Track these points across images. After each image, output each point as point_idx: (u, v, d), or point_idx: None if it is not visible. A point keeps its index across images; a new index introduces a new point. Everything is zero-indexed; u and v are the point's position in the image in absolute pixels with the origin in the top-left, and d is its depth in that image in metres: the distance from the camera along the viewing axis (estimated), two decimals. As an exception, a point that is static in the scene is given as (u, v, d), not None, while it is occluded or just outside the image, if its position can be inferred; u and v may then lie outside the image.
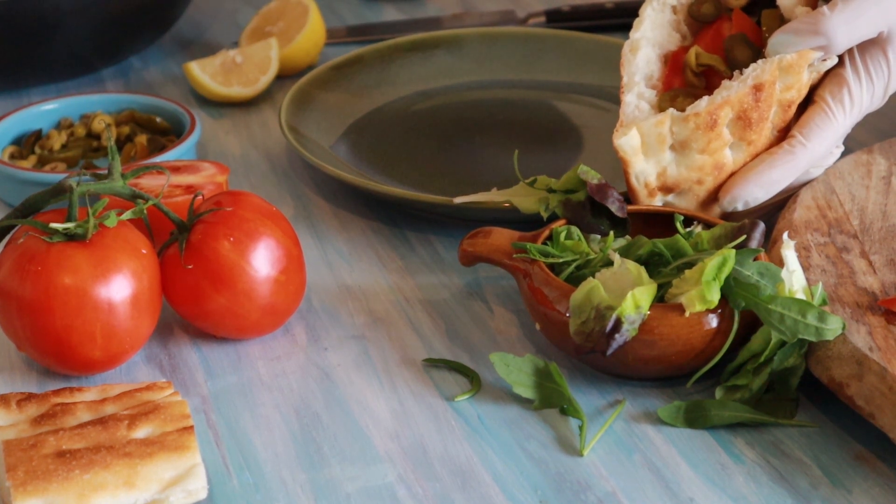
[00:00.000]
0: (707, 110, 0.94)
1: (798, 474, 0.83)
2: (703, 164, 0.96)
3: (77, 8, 1.26)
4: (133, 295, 0.90)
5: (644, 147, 0.95)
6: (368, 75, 1.28)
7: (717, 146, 0.96)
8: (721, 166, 0.97)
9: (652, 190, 0.97)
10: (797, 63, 0.95)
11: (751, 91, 0.95)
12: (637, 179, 0.96)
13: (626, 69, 0.99)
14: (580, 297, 0.87)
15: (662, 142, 0.95)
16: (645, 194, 0.97)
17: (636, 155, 0.95)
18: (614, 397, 0.90)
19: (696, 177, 0.96)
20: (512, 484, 0.83)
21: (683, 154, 0.96)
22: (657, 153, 0.96)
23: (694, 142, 0.95)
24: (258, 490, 0.84)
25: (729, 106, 0.95)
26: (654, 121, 0.95)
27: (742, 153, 0.97)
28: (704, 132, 0.94)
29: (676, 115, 0.95)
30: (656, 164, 0.96)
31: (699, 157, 0.96)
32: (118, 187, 0.94)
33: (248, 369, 0.94)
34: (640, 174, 0.96)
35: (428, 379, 0.93)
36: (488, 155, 1.18)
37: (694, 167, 0.96)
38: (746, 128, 0.96)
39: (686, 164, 0.96)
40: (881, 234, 0.97)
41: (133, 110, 1.21)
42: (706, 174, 0.97)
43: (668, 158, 0.96)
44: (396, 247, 1.07)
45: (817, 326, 0.85)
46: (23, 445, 0.81)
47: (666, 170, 0.96)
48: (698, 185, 0.97)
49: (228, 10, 1.52)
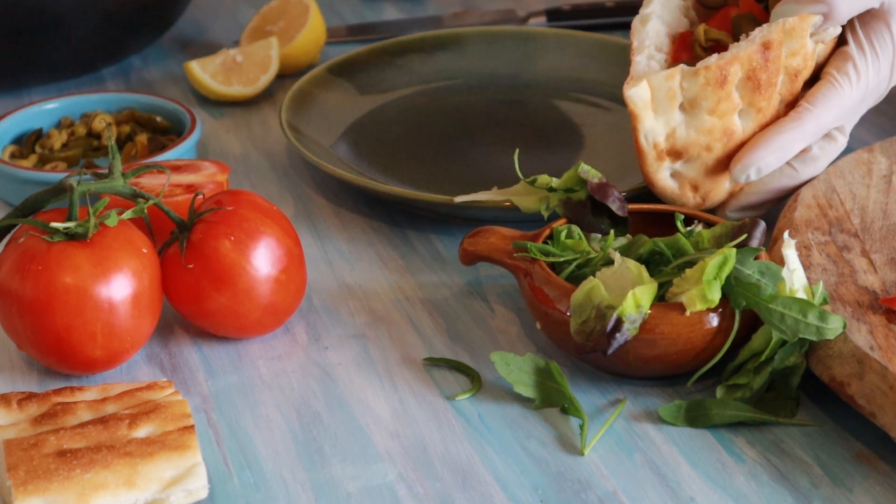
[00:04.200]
0: (717, 64, 0.95)
1: (799, 473, 0.83)
2: (712, 128, 0.96)
3: (78, 7, 1.26)
4: (134, 294, 0.90)
5: (654, 103, 0.96)
6: (369, 74, 1.28)
7: (726, 108, 0.96)
8: (731, 133, 0.97)
9: (661, 152, 0.97)
10: (799, 26, 0.97)
11: (759, 49, 0.96)
12: (646, 139, 0.96)
13: (636, 37, 1.00)
14: (581, 296, 0.87)
15: (672, 97, 0.95)
16: (654, 156, 0.97)
17: (646, 109, 0.95)
18: (615, 396, 0.90)
19: (705, 141, 0.97)
20: (512, 483, 0.83)
21: (693, 115, 0.96)
22: (667, 111, 0.96)
23: (704, 100, 0.96)
24: (259, 489, 0.84)
25: (739, 63, 0.96)
26: (664, 74, 0.95)
27: (751, 121, 0.98)
28: (714, 89, 0.95)
29: (687, 70, 0.96)
30: (666, 123, 0.96)
31: (709, 119, 0.96)
32: (119, 186, 0.94)
33: (248, 368, 0.94)
34: (650, 133, 0.96)
35: (428, 378, 0.93)
36: (488, 154, 1.18)
37: (703, 130, 0.96)
38: (756, 91, 0.96)
39: (696, 125, 0.96)
40: (882, 233, 0.97)
41: (133, 109, 1.21)
42: (715, 139, 0.97)
43: (677, 119, 0.96)
44: (397, 246, 1.07)
45: (818, 325, 0.85)
46: (23, 445, 0.81)
47: (675, 131, 0.96)
48: (707, 151, 0.97)
49: (229, 9, 1.52)
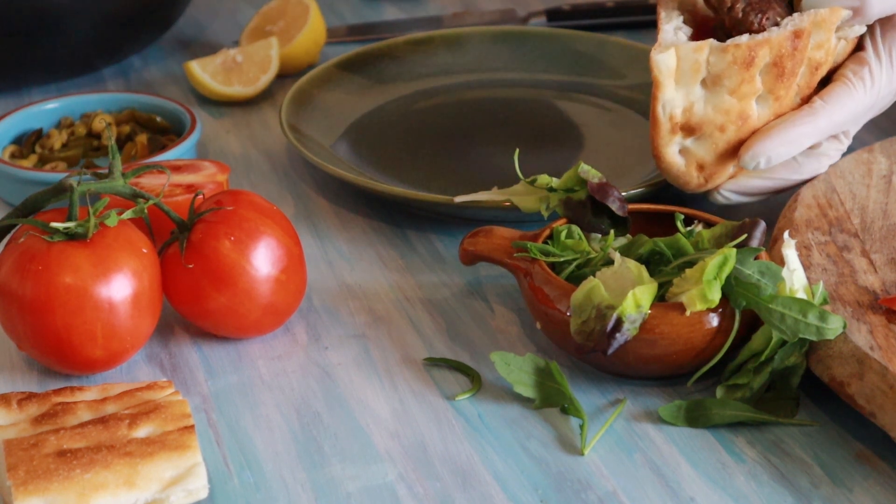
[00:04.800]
0: (748, 44, 0.96)
1: (799, 473, 0.83)
2: (729, 108, 0.97)
3: (78, 7, 1.26)
4: (134, 294, 0.90)
5: (678, 73, 0.96)
6: (369, 74, 1.28)
7: (747, 91, 0.97)
8: (746, 117, 0.97)
9: (675, 125, 0.97)
10: (828, 19, 0.97)
11: (790, 36, 0.96)
12: (663, 109, 0.97)
13: (663, 7, 1.01)
14: (581, 296, 0.87)
15: (697, 71, 0.96)
16: (667, 129, 0.97)
17: (669, 78, 0.96)
18: (615, 396, 0.90)
19: (720, 121, 0.97)
20: (512, 483, 0.83)
21: (714, 92, 0.97)
22: (689, 83, 0.96)
23: (727, 78, 0.96)
24: (259, 489, 0.84)
25: (768, 47, 0.96)
26: (693, 45, 0.96)
27: (767, 109, 0.98)
28: (740, 69, 0.96)
29: (716, 45, 0.96)
30: (685, 96, 0.97)
31: (728, 99, 0.97)
32: (119, 186, 0.94)
33: (248, 368, 0.94)
34: (668, 103, 0.96)
35: (428, 378, 0.93)
36: (488, 154, 1.18)
37: (721, 109, 0.97)
38: (778, 78, 0.97)
39: (714, 103, 0.97)
40: (882, 233, 0.97)
41: (133, 109, 1.21)
42: (730, 121, 0.97)
43: (697, 94, 0.97)
44: (397, 246, 1.07)
45: (818, 325, 0.85)
46: (23, 445, 0.81)
47: (693, 106, 0.97)
48: (720, 132, 0.97)
49: (229, 9, 1.52)
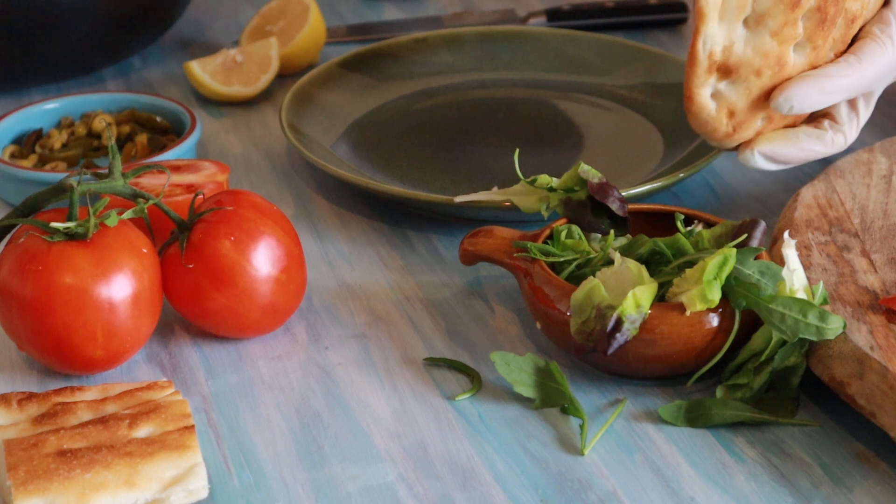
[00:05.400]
0: None
1: (799, 473, 0.83)
2: (769, 51, 0.97)
3: (78, 7, 1.26)
4: (134, 294, 0.90)
5: (723, 7, 0.96)
6: (369, 74, 1.28)
7: (788, 35, 0.97)
8: (783, 63, 0.98)
9: (713, 64, 0.97)
10: None
11: None
12: (703, 45, 0.97)
13: None
14: (581, 296, 0.87)
15: (742, 9, 0.96)
16: (705, 67, 0.97)
17: (714, 12, 0.96)
18: (615, 396, 0.90)
19: (758, 64, 0.97)
20: (513, 483, 0.83)
21: (756, 32, 0.97)
22: (732, 21, 0.96)
23: (771, 18, 0.96)
24: (259, 489, 0.84)
25: None
26: None
27: (804, 58, 0.98)
28: (785, 9, 0.96)
29: None
30: (727, 33, 0.97)
31: (768, 41, 0.97)
32: (119, 186, 0.94)
33: (248, 368, 0.94)
34: (710, 39, 0.96)
35: (429, 378, 0.93)
36: (488, 154, 1.18)
37: (761, 51, 0.97)
38: (819, 25, 0.97)
39: (754, 44, 0.97)
40: (882, 233, 0.97)
41: (133, 109, 1.21)
42: (768, 65, 0.97)
43: (739, 33, 0.97)
44: (397, 246, 1.07)
45: (818, 325, 0.85)
46: (24, 445, 0.81)
47: (733, 45, 0.97)
48: (755, 76, 0.97)
49: (229, 9, 1.52)
